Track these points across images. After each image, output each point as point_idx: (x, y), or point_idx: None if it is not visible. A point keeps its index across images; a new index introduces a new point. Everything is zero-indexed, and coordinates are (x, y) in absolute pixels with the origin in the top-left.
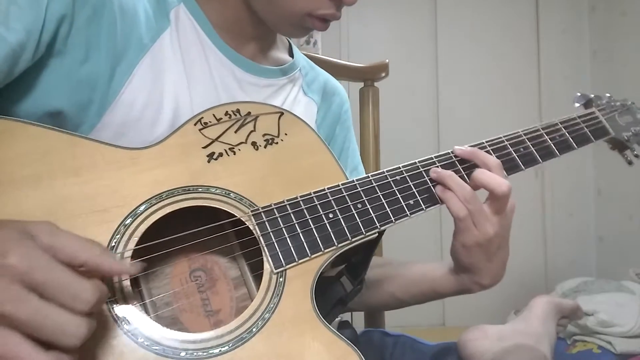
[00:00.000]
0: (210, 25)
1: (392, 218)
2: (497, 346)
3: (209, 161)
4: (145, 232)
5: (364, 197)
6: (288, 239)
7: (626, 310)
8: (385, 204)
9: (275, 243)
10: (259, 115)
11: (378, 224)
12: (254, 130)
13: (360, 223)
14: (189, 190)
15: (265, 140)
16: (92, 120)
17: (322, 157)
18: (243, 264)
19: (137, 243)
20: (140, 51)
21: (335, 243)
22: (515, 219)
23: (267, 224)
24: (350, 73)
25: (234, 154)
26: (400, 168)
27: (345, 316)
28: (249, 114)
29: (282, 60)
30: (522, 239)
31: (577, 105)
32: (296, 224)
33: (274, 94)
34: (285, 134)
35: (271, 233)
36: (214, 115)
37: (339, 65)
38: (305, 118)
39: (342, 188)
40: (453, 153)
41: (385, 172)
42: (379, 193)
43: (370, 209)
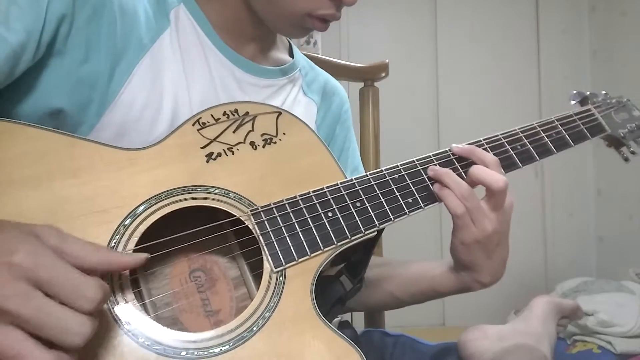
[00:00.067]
0: (210, 25)
1: (391, 216)
2: (497, 346)
3: (207, 161)
4: (145, 232)
5: (363, 196)
6: (287, 238)
7: (626, 310)
8: (384, 202)
9: (275, 242)
10: (257, 115)
11: (377, 223)
12: (252, 130)
13: (359, 222)
14: (188, 190)
15: (263, 140)
16: (91, 120)
17: (320, 156)
18: (243, 263)
19: (137, 243)
20: (140, 51)
21: (335, 242)
22: (515, 219)
23: (266, 223)
24: (350, 73)
25: (233, 154)
26: (399, 167)
27: (345, 316)
28: (247, 113)
29: (282, 60)
30: (522, 239)
31: (573, 102)
32: (295, 223)
33: (273, 94)
34: (284, 133)
35: (270, 232)
36: (212, 115)
37: (339, 65)
38: (305, 118)
39: (341, 187)
40: (451, 151)
41: (383, 171)
42: (377, 192)
43: (369, 208)
